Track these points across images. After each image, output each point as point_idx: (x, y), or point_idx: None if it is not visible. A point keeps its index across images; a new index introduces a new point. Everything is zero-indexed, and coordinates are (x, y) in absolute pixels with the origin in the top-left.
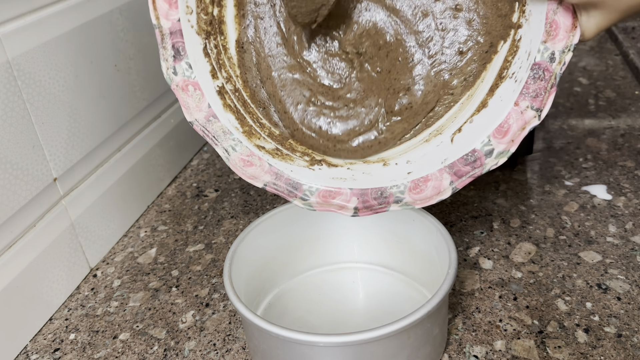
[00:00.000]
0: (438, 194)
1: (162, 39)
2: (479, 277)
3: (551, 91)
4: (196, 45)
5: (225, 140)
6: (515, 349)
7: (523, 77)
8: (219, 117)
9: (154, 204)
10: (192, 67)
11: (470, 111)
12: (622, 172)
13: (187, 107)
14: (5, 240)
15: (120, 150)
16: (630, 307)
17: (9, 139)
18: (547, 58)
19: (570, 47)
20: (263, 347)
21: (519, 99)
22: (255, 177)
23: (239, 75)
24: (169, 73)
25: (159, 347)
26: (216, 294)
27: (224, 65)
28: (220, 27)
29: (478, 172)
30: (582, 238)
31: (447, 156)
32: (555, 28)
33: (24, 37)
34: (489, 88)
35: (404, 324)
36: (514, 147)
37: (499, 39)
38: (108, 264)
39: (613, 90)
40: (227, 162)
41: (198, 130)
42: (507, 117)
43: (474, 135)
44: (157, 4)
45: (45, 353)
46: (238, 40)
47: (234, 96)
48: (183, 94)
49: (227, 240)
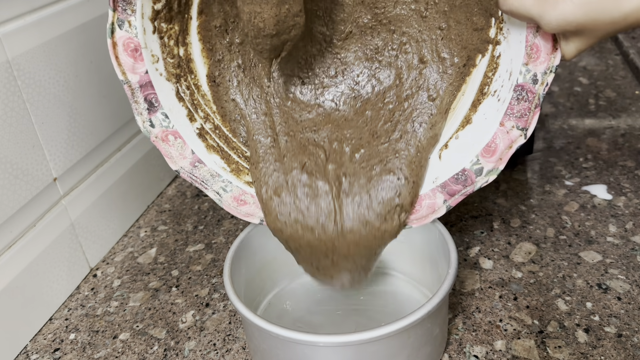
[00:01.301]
0: (433, 212)
1: (133, 94)
2: (479, 277)
3: (535, 111)
4: (168, 93)
5: (214, 184)
6: (515, 349)
7: (506, 97)
8: (204, 161)
9: (154, 203)
10: (168, 115)
11: (454, 125)
12: (622, 172)
13: (170, 156)
14: (5, 240)
15: (120, 150)
16: (630, 307)
17: (9, 139)
18: (529, 80)
19: (552, 69)
20: (263, 347)
21: (504, 119)
22: (250, 214)
23: (215, 111)
24: (145, 126)
25: (159, 347)
26: (216, 294)
27: (199, 104)
28: (189, 65)
29: (470, 190)
30: (583, 238)
31: (437, 175)
32: (536, 51)
33: (24, 36)
34: (471, 103)
35: (404, 324)
36: (503, 165)
37: (477, 52)
38: (108, 264)
39: (613, 90)
40: (220, 204)
41: (185, 177)
42: (493, 137)
43: (461, 154)
44: (121, 59)
45: (45, 353)
46: (209, 74)
47: (215, 135)
48: (164, 144)
49: (227, 240)
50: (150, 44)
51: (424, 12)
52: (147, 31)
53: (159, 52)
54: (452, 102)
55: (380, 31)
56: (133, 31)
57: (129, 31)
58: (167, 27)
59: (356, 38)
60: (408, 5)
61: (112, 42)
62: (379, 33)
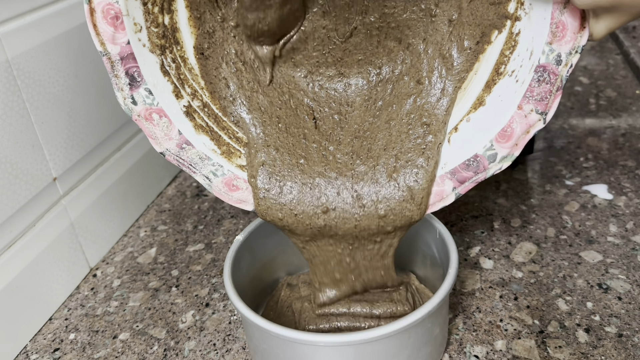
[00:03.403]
0: (441, 200)
1: (113, 67)
2: (480, 277)
3: (557, 94)
4: (152, 66)
5: (204, 167)
6: (515, 348)
7: (526, 78)
8: (192, 142)
9: (154, 203)
10: (152, 91)
11: (465, 107)
12: (622, 172)
13: (155, 137)
14: (5, 240)
15: (120, 150)
16: (631, 307)
17: (9, 139)
18: (552, 60)
19: (578, 49)
20: (263, 347)
21: (523, 101)
22: (243, 200)
23: (204, 87)
24: (127, 103)
25: (159, 347)
26: (216, 293)
27: (186, 79)
28: (175, 35)
29: (481, 177)
30: (583, 238)
31: (446, 160)
32: (562, 29)
33: (24, 36)
34: (485, 83)
35: (405, 323)
36: (518, 151)
37: (492, 28)
38: (108, 264)
39: (614, 89)
40: (209, 189)
41: (171, 160)
42: (510, 121)
43: (473, 138)
44: (100, 28)
45: (45, 353)
46: (196, 46)
47: (204, 113)
48: (147, 124)
49: (227, 240)
50: (133, 10)
51: (433, 10)
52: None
53: (142, 20)
54: (463, 80)
55: (387, 38)
56: None
57: None
58: None
59: (361, 38)
60: (418, 5)
61: (90, 8)
62: (385, 40)
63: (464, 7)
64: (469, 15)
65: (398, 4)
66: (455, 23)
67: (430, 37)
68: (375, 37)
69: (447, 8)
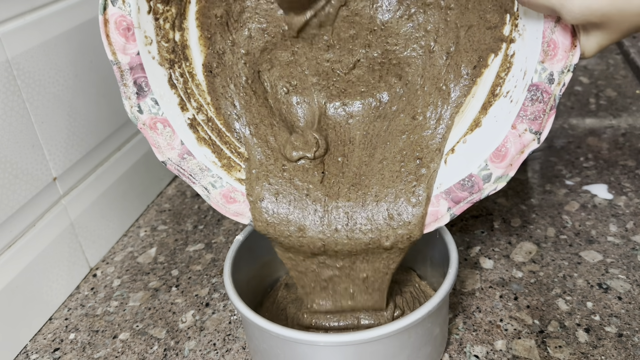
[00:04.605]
0: (436, 220)
1: (122, 76)
2: (480, 277)
3: (550, 113)
4: (160, 78)
5: (203, 178)
6: (515, 348)
7: (520, 97)
8: (193, 153)
9: (154, 203)
10: (159, 102)
11: (462, 129)
12: (623, 172)
13: (158, 146)
14: (5, 240)
15: (120, 150)
16: (631, 307)
17: (9, 139)
18: (545, 79)
19: (570, 67)
20: (263, 346)
21: (516, 121)
22: (240, 213)
23: (210, 103)
24: (133, 112)
25: (158, 346)
26: (216, 293)
27: (192, 94)
28: (184, 52)
29: (476, 198)
30: (583, 237)
31: (442, 181)
32: (554, 47)
33: (24, 36)
34: (482, 105)
35: (405, 323)
36: (513, 171)
37: (489, 52)
38: (108, 264)
39: (614, 89)
40: (207, 201)
41: (172, 169)
42: (504, 141)
43: (468, 158)
44: (112, 38)
45: (45, 353)
46: (205, 64)
47: (207, 127)
48: (152, 132)
49: (227, 240)
50: (144, 24)
51: (432, 46)
52: (142, 10)
53: (152, 34)
54: (461, 105)
55: (388, 73)
56: (127, 9)
57: (122, 8)
58: (164, 8)
59: (364, 70)
60: (418, 42)
61: (104, 19)
62: (387, 75)
63: (462, 36)
64: (466, 43)
65: (399, 42)
66: (452, 54)
67: (427, 73)
68: (377, 71)
69: (445, 42)
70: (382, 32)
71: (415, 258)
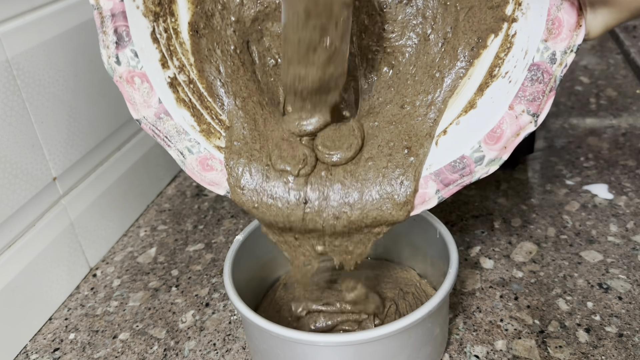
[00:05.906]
0: (422, 203)
1: (102, 22)
2: (480, 277)
3: (550, 95)
4: (143, 30)
5: (179, 141)
6: (516, 348)
7: (519, 77)
8: (171, 114)
9: (154, 203)
10: (139, 54)
11: (456, 111)
12: (623, 172)
13: (133, 102)
14: (5, 240)
15: (120, 150)
16: (631, 307)
17: (9, 138)
18: (547, 59)
19: (573, 48)
20: (263, 346)
21: (514, 102)
22: (215, 183)
23: (193, 64)
24: (110, 62)
25: (158, 347)
26: (216, 293)
27: (175, 52)
28: (171, 6)
29: (467, 181)
30: (583, 237)
31: (432, 162)
32: (558, 26)
33: (24, 36)
34: (478, 87)
35: (405, 323)
36: (507, 155)
37: (489, 32)
38: (108, 264)
39: (614, 89)
40: (182, 167)
41: (147, 129)
42: (500, 122)
43: (461, 140)
44: None
45: (45, 353)
46: (192, 22)
47: (188, 89)
48: (128, 87)
49: (227, 240)
50: None
51: (428, 33)
52: None
53: None
54: (455, 88)
55: (382, 62)
56: None
57: None
58: None
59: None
60: (415, 30)
61: None
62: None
63: (461, 19)
64: (465, 25)
65: (396, 29)
66: (449, 39)
67: (419, 62)
68: (370, 60)
69: (442, 27)
70: (379, 17)
71: (416, 258)
